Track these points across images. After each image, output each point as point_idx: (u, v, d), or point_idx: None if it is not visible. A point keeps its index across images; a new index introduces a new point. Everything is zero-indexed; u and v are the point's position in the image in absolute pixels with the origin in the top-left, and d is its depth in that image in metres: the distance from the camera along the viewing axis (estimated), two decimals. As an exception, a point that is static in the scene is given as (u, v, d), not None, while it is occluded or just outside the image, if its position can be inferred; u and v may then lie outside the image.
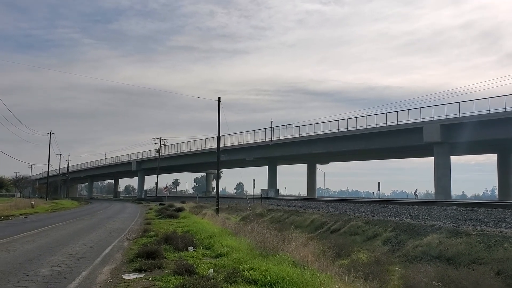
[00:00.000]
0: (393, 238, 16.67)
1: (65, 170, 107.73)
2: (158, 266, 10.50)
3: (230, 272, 9.15)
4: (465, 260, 12.01)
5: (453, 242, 13.49)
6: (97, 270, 10.41)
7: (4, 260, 11.48)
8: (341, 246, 16.86)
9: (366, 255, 15.66)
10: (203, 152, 79.92)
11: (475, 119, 44.03)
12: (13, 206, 39.60)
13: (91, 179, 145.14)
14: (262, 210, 34.45)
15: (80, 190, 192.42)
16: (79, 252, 13.36)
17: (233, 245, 12.84)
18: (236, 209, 40.91)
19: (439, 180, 48.69)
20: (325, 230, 21.97)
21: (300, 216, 27.40)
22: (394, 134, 52.13)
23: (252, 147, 72.13)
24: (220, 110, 35.10)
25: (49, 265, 10.89)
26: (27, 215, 34.68)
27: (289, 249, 11.61)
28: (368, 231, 18.76)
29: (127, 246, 14.97)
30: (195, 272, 9.51)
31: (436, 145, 48.22)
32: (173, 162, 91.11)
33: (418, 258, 13.53)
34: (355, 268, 11.77)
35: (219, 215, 29.47)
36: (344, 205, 33.57)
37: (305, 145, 64.05)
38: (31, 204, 45.26)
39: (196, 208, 40.81)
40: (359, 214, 23.36)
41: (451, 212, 21.04)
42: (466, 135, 44.83)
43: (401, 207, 26.56)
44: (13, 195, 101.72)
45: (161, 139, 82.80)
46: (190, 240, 14.67)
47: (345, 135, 57.38)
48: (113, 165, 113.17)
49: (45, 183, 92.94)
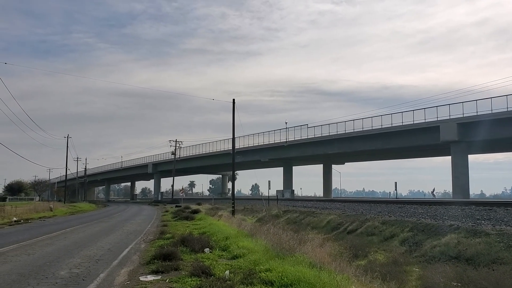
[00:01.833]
0: (411, 238, 16.50)
1: (83, 173, 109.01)
2: (175, 267, 10.55)
3: (247, 274, 9.15)
4: (485, 260, 11.83)
5: (471, 242, 13.30)
6: (114, 272, 10.50)
7: (24, 263, 11.65)
8: (358, 247, 16.75)
9: (383, 256, 15.53)
10: (218, 153, 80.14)
11: (492, 117, 43.38)
12: (32, 209, 40.17)
13: (108, 182, 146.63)
14: (278, 211, 34.41)
15: (97, 193, 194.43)
16: (97, 254, 13.49)
17: (249, 247, 12.84)
18: (251, 210, 40.91)
19: (456, 179, 48.07)
20: (341, 231, 21.85)
21: (316, 217, 27.29)
22: (410, 133, 51.63)
23: (267, 148, 72.08)
24: (234, 111, 35.16)
25: (68, 267, 11.02)
26: (46, 218, 35.15)
27: (306, 250, 11.58)
28: (385, 232, 18.60)
29: (144, 248, 15.07)
30: (212, 273, 9.53)
31: (453, 144, 47.62)
32: (189, 164, 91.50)
33: (436, 259, 13.37)
34: (372, 269, 11.68)
35: (235, 217, 29.53)
36: (361, 205, 33.34)
37: (320, 146, 63.78)
38: (49, 207, 45.88)
39: (212, 209, 40.96)
40: (375, 215, 23.18)
41: (469, 212, 20.75)
42: (484, 133, 44.19)
43: (418, 207, 26.28)
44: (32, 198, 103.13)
45: (176, 141, 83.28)
46: (206, 242, 14.70)
47: (361, 135, 57.01)
48: (130, 168, 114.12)
49: (63, 187, 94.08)
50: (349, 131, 58.56)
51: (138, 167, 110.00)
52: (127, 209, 58.38)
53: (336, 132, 60.51)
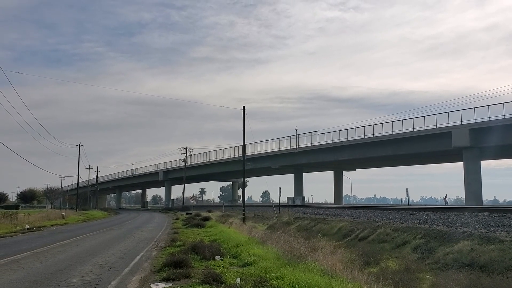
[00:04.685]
0: (423, 245, 16.33)
1: (94, 181, 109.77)
2: (186, 275, 10.55)
3: (258, 281, 9.12)
4: (499, 267, 11.66)
5: (485, 249, 13.12)
6: (126, 280, 10.53)
7: (37, 270, 11.74)
8: (370, 254, 16.62)
9: (395, 263, 15.39)
10: (229, 160, 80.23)
11: (505, 122, 42.89)
12: (44, 217, 40.51)
13: (119, 190, 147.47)
14: (289, 218, 34.27)
15: (108, 200, 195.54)
16: (109, 261, 13.55)
17: (260, 254, 12.81)
18: (262, 217, 40.80)
19: (469, 186, 47.53)
20: (352, 238, 21.70)
21: (327, 224, 27.15)
22: (421, 139, 51.26)
23: (278, 155, 72.01)
24: (244, 118, 35.19)
25: (80, 274, 11.08)
26: (58, 225, 35.42)
27: (317, 257, 11.51)
28: (397, 239, 18.43)
29: (155, 256, 15.11)
30: (223, 281, 9.52)
31: (465, 150, 47.16)
32: (199, 171, 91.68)
33: (449, 266, 13.21)
34: (384, 276, 11.57)
35: (245, 224, 29.47)
36: (372, 212, 33.11)
37: (331, 152, 63.57)
38: (61, 215, 46.25)
39: (223, 217, 40.92)
40: (387, 221, 22.99)
41: (482, 218, 20.50)
42: (496, 139, 43.73)
43: (431, 214, 26.03)
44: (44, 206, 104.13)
45: (187, 148, 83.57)
46: (217, 249, 14.70)
47: (372, 141, 56.75)
48: (141, 176, 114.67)
49: (75, 194, 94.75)
50: (359, 138, 58.32)
51: (149, 175, 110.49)
52: (138, 216, 58.61)
53: (347, 139, 60.28)
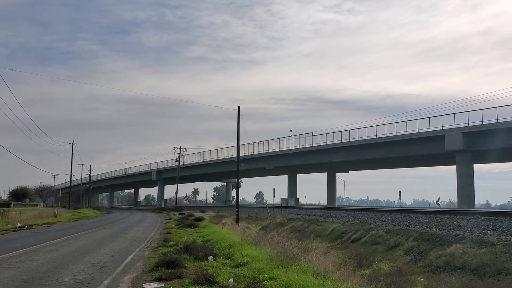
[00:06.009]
0: (415, 247, 16.40)
1: (87, 179, 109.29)
2: (178, 275, 10.52)
3: (250, 282, 9.11)
4: (490, 270, 11.73)
5: (477, 252, 13.20)
6: (118, 279, 10.48)
7: (28, 269, 11.65)
8: (362, 256, 16.66)
9: (387, 265, 15.44)
10: (223, 161, 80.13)
11: (499, 126, 43.10)
12: (36, 215, 40.25)
13: (112, 189, 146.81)
14: (282, 219, 34.31)
15: (101, 199, 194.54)
16: (101, 261, 13.48)
17: (253, 255, 12.79)
18: (256, 218, 40.79)
19: (462, 189, 47.75)
20: (345, 240, 21.76)
21: (320, 225, 27.20)
22: (415, 142, 51.45)
23: (272, 156, 72.07)
24: (239, 119, 35.17)
25: (72, 273, 11.01)
26: (50, 224, 35.19)
27: (310, 258, 11.51)
28: (389, 241, 18.51)
29: (147, 255, 15.05)
30: (215, 281, 9.49)
31: (458, 153, 47.38)
32: (193, 171, 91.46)
33: (441, 269, 13.28)
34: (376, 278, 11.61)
35: (239, 225, 29.43)
36: (365, 214, 33.20)
37: (325, 154, 63.70)
38: (54, 213, 45.96)
39: (216, 217, 40.85)
40: (380, 223, 23.07)
41: (475, 222, 20.62)
42: (490, 143, 43.97)
43: (423, 216, 26.14)
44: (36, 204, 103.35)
45: (180, 148, 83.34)
46: (210, 250, 14.67)
47: (365, 144, 56.90)
48: (134, 175, 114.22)
49: (67, 193, 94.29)
50: (353, 140, 58.47)
51: (142, 174, 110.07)
52: (131, 216, 58.37)
53: (341, 141, 60.40)
